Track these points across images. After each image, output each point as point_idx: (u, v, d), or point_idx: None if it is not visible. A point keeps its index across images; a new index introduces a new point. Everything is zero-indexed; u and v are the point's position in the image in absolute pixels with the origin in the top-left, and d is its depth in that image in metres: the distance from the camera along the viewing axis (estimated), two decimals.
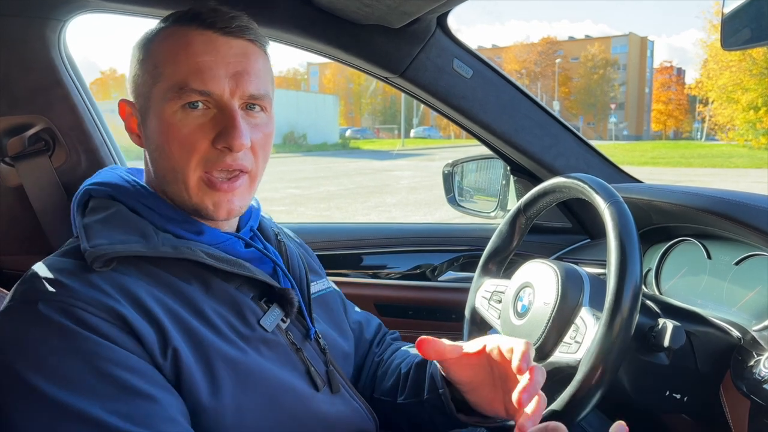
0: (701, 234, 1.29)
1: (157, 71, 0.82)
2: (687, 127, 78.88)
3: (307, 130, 39.05)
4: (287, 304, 0.88)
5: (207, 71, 0.80)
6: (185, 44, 0.82)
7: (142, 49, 0.86)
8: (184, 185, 0.83)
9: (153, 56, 0.84)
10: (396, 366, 1.07)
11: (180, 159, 0.82)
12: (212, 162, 0.82)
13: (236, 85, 0.82)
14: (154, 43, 0.85)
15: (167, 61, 0.82)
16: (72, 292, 0.72)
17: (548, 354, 1.01)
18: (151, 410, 0.68)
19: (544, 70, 77.10)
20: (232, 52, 0.83)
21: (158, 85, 0.82)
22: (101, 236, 0.78)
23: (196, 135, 0.81)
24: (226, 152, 0.82)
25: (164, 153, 0.83)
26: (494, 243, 1.24)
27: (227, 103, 0.81)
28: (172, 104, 0.81)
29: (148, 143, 0.87)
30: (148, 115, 0.85)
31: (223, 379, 0.76)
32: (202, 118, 0.81)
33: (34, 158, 1.35)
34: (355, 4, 1.30)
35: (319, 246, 1.79)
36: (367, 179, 16.74)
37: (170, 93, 0.81)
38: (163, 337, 0.74)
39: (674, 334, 0.96)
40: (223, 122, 0.81)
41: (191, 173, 0.82)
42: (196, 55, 0.81)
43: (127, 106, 0.89)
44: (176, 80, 0.80)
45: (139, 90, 0.86)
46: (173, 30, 0.84)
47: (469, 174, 1.96)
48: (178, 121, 0.81)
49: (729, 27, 1.01)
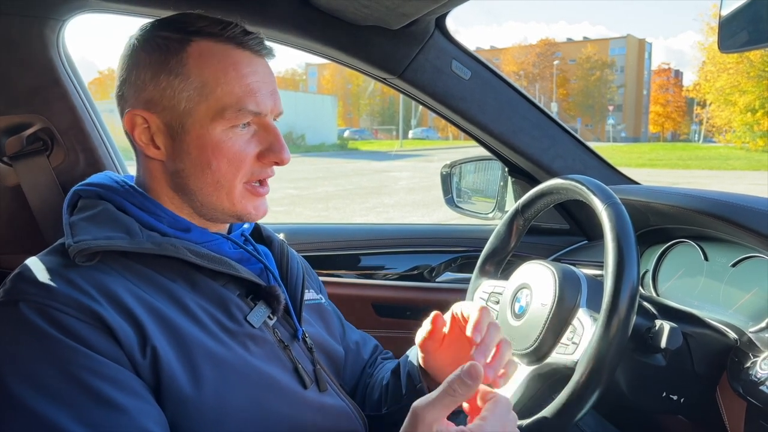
0: (698, 236, 1.29)
1: (205, 90, 0.83)
2: (685, 129, 79.05)
3: (306, 130, 39.06)
4: (274, 301, 0.89)
5: (258, 92, 0.85)
6: (233, 64, 0.84)
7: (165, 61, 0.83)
8: (226, 195, 0.87)
9: (194, 73, 0.83)
10: (380, 380, 1.09)
11: (227, 173, 0.85)
12: (256, 174, 0.88)
13: (274, 103, 0.88)
14: (190, 58, 0.83)
15: (217, 82, 0.83)
16: (50, 293, 0.72)
17: (545, 355, 1.01)
18: (122, 421, 0.68)
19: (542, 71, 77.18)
20: (267, 72, 0.89)
21: (206, 104, 0.83)
22: (86, 232, 0.79)
23: (244, 152, 0.86)
24: (270, 165, 0.89)
25: (210, 168, 0.85)
26: (492, 244, 1.24)
27: (270, 121, 0.88)
28: (223, 123, 0.84)
29: (179, 157, 0.85)
30: (185, 130, 0.84)
31: (205, 374, 0.77)
32: (248, 135, 0.87)
33: (32, 158, 1.35)
34: (354, 5, 1.30)
35: (318, 246, 1.79)
36: (365, 180, 16.75)
37: (222, 113, 0.83)
38: (143, 335, 0.74)
39: (671, 335, 0.96)
40: (267, 139, 0.87)
41: (237, 185, 0.87)
42: (245, 76, 0.85)
43: (141, 117, 0.85)
44: (231, 101, 0.83)
45: (168, 103, 0.84)
46: (209, 46, 0.84)
47: (468, 175, 1.97)
48: (228, 139, 0.84)
49: (726, 29, 1.01)
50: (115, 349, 0.72)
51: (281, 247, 1.03)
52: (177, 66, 0.83)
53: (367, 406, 1.08)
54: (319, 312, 1.06)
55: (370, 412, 1.06)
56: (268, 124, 0.88)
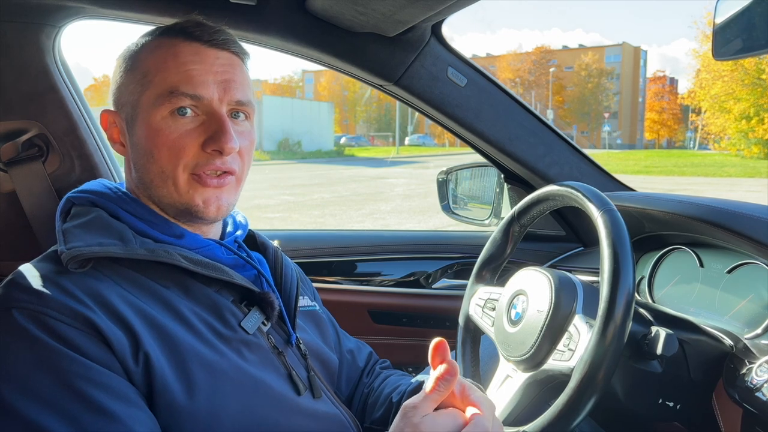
0: (694, 242, 1.29)
1: (146, 79, 0.85)
2: (680, 136, 79.33)
3: (302, 137, 39.07)
4: (268, 307, 0.89)
5: (196, 77, 0.84)
6: (174, 54, 0.85)
7: (128, 59, 0.89)
8: (173, 186, 0.86)
9: (141, 66, 0.87)
10: (386, 396, 1.07)
11: (168, 162, 0.84)
12: (201, 165, 0.85)
13: (224, 91, 0.86)
14: (142, 53, 0.88)
15: (157, 69, 0.85)
16: (43, 300, 0.72)
17: (542, 362, 1.01)
18: (114, 428, 0.68)
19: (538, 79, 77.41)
20: (219, 62, 0.87)
21: (147, 93, 0.85)
22: (79, 239, 0.80)
23: (184, 139, 0.84)
24: (216, 155, 0.85)
25: (153, 157, 0.85)
26: (488, 250, 1.24)
27: (216, 109, 0.86)
28: (162, 110, 0.84)
29: (134, 150, 0.89)
30: (136, 122, 0.87)
31: (198, 381, 0.77)
32: (191, 124, 0.85)
33: (27, 164, 1.35)
34: (350, 12, 1.30)
35: (314, 253, 1.79)
36: (361, 186, 16.75)
37: (160, 99, 0.84)
38: (135, 342, 0.74)
39: (667, 342, 0.96)
40: (212, 127, 0.85)
41: (180, 174, 0.85)
42: (185, 63, 0.85)
43: (110, 115, 0.91)
44: (166, 86, 0.84)
45: (125, 99, 0.88)
46: (160, 41, 0.87)
47: (464, 182, 1.97)
48: (167, 127, 0.84)
49: (720, 37, 1.02)
50: (107, 356, 0.72)
51: (275, 254, 1.03)
52: (131, 63, 0.88)
53: (367, 419, 1.07)
54: (313, 319, 1.06)
55: (370, 425, 1.06)
56: (214, 112, 0.85)
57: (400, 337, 1.73)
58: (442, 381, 0.69)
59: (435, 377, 0.69)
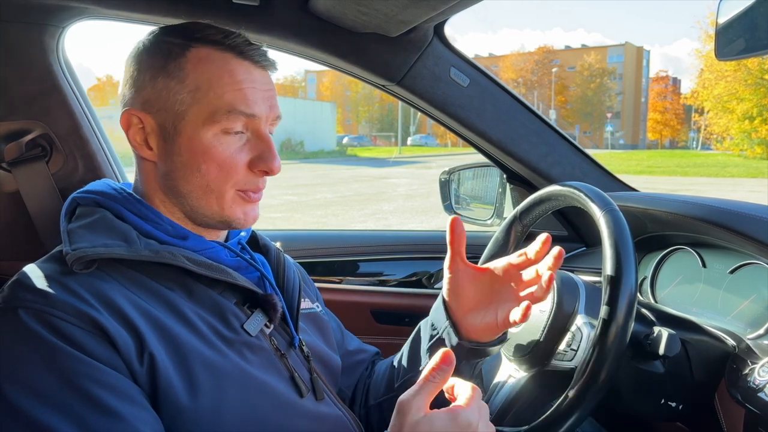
0: (696, 243, 1.29)
1: (199, 94, 0.84)
2: (683, 136, 79.23)
3: (305, 137, 39.11)
4: (270, 309, 0.89)
5: (250, 97, 0.85)
6: (229, 71, 0.85)
7: (166, 64, 0.85)
8: (216, 200, 0.86)
9: (190, 77, 0.84)
10: (387, 366, 1.10)
11: (217, 179, 0.85)
12: (248, 183, 0.87)
13: (269, 110, 0.88)
14: (189, 63, 0.85)
15: (210, 85, 0.84)
16: (50, 300, 0.72)
17: (544, 361, 1.02)
18: (119, 428, 0.68)
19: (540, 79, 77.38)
20: (265, 82, 0.88)
21: (198, 107, 0.84)
22: (84, 240, 0.80)
23: (235, 159, 0.85)
24: (261, 174, 0.88)
25: (200, 172, 0.85)
26: (490, 251, 1.24)
27: (263, 129, 0.87)
28: (215, 127, 0.84)
29: (170, 159, 0.86)
30: (179, 132, 0.85)
31: (201, 382, 0.77)
32: (239, 142, 0.86)
33: (31, 164, 1.35)
34: (353, 13, 1.30)
35: (316, 253, 1.79)
36: (363, 186, 16.76)
37: (215, 116, 0.83)
38: (140, 342, 0.74)
39: (669, 342, 0.96)
40: (259, 147, 0.87)
41: (227, 191, 0.86)
42: (241, 82, 0.85)
43: (136, 116, 0.86)
44: (223, 105, 0.83)
45: (163, 105, 0.85)
46: (209, 53, 0.85)
47: (466, 182, 1.97)
48: (219, 144, 0.84)
49: (723, 37, 1.02)
50: (113, 357, 0.72)
51: (278, 256, 1.03)
52: (175, 69, 0.85)
53: (372, 398, 1.09)
54: (315, 321, 1.06)
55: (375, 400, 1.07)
56: (261, 133, 0.87)
57: (403, 337, 1.72)
58: (438, 371, 0.68)
59: (430, 367, 0.68)
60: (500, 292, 0.93)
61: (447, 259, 0.96)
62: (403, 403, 0.68)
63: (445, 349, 0.69)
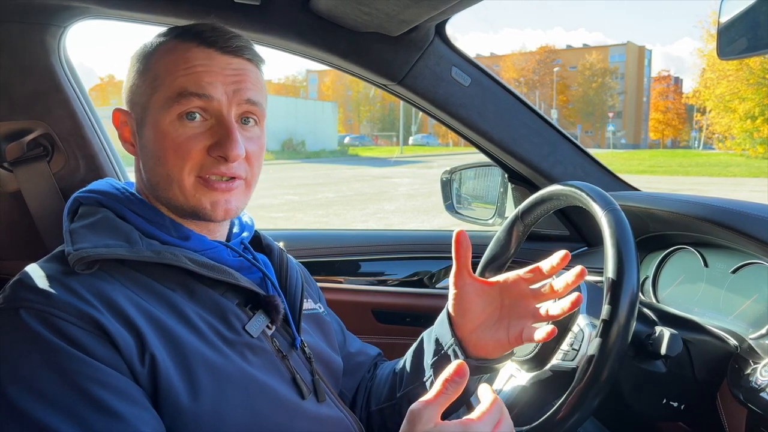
0: (698, 242, 1.29)
1: (157, 82, 0.85)
2: (684, 136, 79.13)
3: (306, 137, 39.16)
4: (273, 311, 0.89)
5: (205, 78, 0.84)
6: (185, 58, 0.85)
7: (141, 60, 0.88)
8: (179, 189, 0.85)
9: (153, 68, 0.86)
10: (389, 371, 1.09)
11: (174, 165, 0.84)
12: (207, 168, 0.85)
13: (234, 93, 0.85)
14: (155, 56, 0.87)
15: (167, 73, 0.84)
16: (51, 300, 0.72)
17: (546, 361, 1.01)
18: (120, 428, 0.68)
19: (542, 78, 77.33)
20: (230, 67, 0.86)
21: (156, 95, 0.85)
22: (86, 240, 0.80)
23: (191, 143, 0.84)
24: (221, 161, 0.84)
25: (160, 160, 0.85)
26: (492, 250, 1.24)
27: (224, 113, 0.85)
28: (171, 113, 0.83)
29: (143, 151, 0.89)
30: (145, 124, 0.87)
31: (202, 383, 0.77)
32: (199, 128, 0.84)
33: (32, 164, 1.35)
34: (354, 12, 1.30)
35: (318, 253, 1.79)
36: (365, 186, 16.76)
37: (169, 102, 0.83)
38: (141, 343, 0.74)
39: (671, 342, 0.96)
40: (219, 132, 0.84)
41: (185, 177, 0.85)
42: (195, 66, 0.84)
43: (122, 114, 0.91)
44: (175, 89, 0.83)
45: (136, 99, 0.88)
46: (174, 45, 0.87)
47: (468, 181, 1.97)
48: (174, 130, 0.84)
49: (725, 36, 1.01)
50: (114, 357, 0.72)
51: (281, 256, 1.03)
52: (144, 64, 0.88)
53: (373, 403, 1.08)
54: (317, 322, 1.06)
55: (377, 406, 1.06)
56: (222, 117, 0.85)
57: (404, 337, 1.73)
58: (451, 383, 0.67)
59: (443, 379, 0.67)
60: (510, 307, 0.93)
61: (452, 275, 0.94)
62: (414, 412, 0.67)
63: (459, 361, 0.68)
